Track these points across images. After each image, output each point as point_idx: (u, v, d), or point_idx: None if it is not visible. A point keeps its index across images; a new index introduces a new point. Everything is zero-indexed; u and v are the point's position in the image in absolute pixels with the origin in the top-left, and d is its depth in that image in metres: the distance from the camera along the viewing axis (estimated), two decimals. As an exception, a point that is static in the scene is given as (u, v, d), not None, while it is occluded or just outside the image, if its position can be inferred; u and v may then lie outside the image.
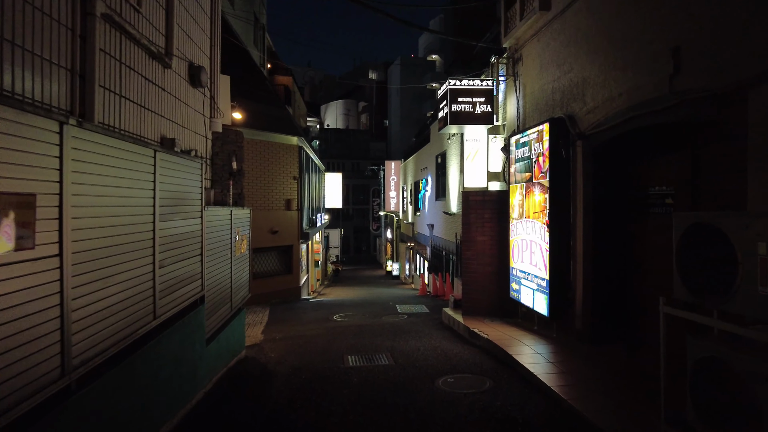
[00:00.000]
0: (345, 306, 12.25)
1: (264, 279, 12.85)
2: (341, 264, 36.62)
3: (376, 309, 11.40)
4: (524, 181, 6.95)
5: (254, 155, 12.56)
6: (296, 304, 12.89)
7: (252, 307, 12.12)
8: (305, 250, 15.39)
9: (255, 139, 12.57)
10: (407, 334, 7.73)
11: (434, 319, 9.27)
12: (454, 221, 14.12)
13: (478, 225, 7.96)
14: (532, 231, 6.67)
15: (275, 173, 13.10)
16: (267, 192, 12.87)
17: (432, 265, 17.82)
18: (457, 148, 14.11)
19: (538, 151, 6.50)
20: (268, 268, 13.10)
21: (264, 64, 23.16)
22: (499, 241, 7.83)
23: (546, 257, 6.22)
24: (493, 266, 7.87)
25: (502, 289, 7.75)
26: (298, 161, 13.76)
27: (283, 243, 13.28)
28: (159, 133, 4.55)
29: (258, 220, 12.49)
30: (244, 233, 6.30)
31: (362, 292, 18.42)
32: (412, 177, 25.03)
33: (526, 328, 6.98)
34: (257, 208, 12.64)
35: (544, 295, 6.31)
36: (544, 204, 6.31)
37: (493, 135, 9.99)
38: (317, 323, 9.61)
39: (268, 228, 12.86)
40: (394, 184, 30.84)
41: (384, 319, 9.68)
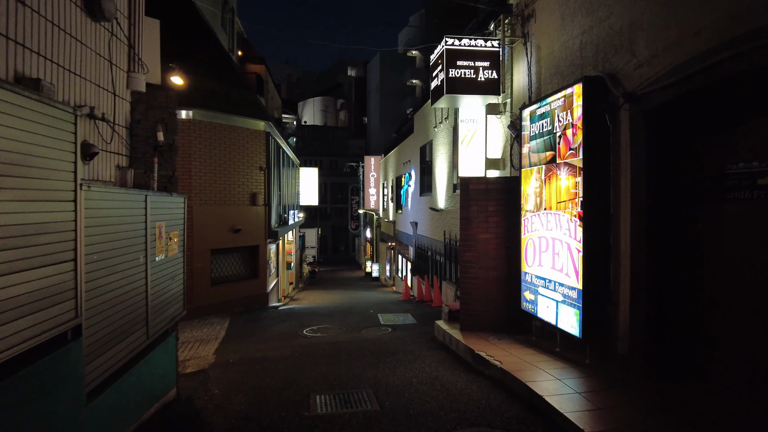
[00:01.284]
0: (319, 315, 10.62)
1: (224, 285, 11.11)
2: (318, 265, 34.87)
3: (355, 319, 9.80)
4: (544, 163, 5.46)
5: (213, 141, 10.81)
6: (263, 313, 11.19)
7: (208, 318, 10.38)
8: (274, 251, 13.69)
9: (214, 122, 10.82)
10: (394, 356, 6.16)
11: (424, 333, 7.72)
12: (442, 218, 12.62)
13: (481, 220, 6.45)
14: (556, 226, 5.17)
15: (238, 162, 11.37)
16: (228, 184, 11.13)
17: (416, 267, 16.30)
18: (445, 137, 12.62)
19: (565, 122, 5.01)
20: (229, 272, 11.37)
21: (233, 49, 21.34)
22: (507, 239, 6.33)
23: (578, 259, 4.73)
24: (499, 270, 6.37)
25: (511, 299, 6.26)
26: (266, 149, 12.06)
27: (247, 243, 11.56)
28: (12, 67, 2.87)
29: (217, 216, 10.75)
30: (175, 229, 4.62)
31: (339, 297, 16.78)
32: (393, 172, 23.51)
33: (545, 349, 5.50)
34: (216, 203, 10.90)
35: (573, 309, 4.82)
36: (574, 190, 4.82)
37: (493, 115, 8.51)
38: (283, 340, 7.96)
39: (228, 226, 11.12)
40: (374, 181, 29.28)
41: (364, 334, 8.09)
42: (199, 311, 10.44)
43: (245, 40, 26.45)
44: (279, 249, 14.87)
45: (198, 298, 10.44)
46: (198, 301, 10.44)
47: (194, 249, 10.36)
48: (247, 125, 11.63)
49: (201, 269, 10.51)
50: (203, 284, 10.57)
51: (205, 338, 8.57)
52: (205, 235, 10.58)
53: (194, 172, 10.40)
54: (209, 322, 9.99)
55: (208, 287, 10.70)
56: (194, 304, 10.36)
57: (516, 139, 6.67)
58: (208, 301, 10.65)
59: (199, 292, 10.46)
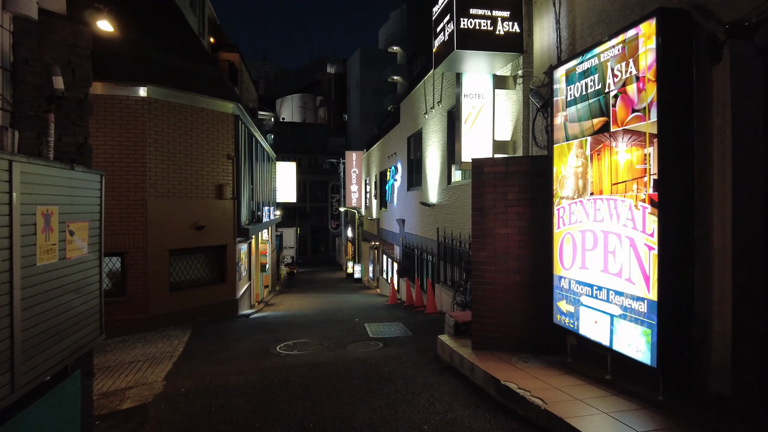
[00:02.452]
0: (296, 326, 9.18)
1: (186, 291, 9.58)
2: (297, 266, 33.31)
3: (338, 330, 8.40)
4: (590, 134, 4.17)
5: (172, 124, 9.27)
6: (231, 323, 9.69)
7: (166, 330, 8.84)
8: (246, 251, 12.17)
9: (174, 102, 9.28)
10: (391, 385, 4.80)
11: (424, 350, 6.38)
12: (435, 214, 11.32)
13: (499, 211, 5.14)
14: (611, 215, 3.89)
15: (202, 149, 9.85)
16: (190, 174, 9.60)
17: (403, 268, 14.98)
18: (438, 123, 11.31)
19: (623, 76, 3.74)
20: (192, 276, 9.83)
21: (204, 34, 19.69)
22: (533, 234, 5.04)
23: (648, 260, 3.46)
24: (522, 274, 5.07)
25: (538, 310, 4.97)
26: (234, 135, 10.56)
27: (212, 242, 10.04)
28: None
29: (176, 211, 9.22)
30: (82, 219, 3.16)
31: (320, 302, 15.33)
32: (376, 167, 22.16)
33: (590, 376, 4.22)
34: (175, 195, 9.35)
35: (640, 327, 3.54)
36: (642, 165, 3.54)
37: (502, 89, 7.24)
38: (251, 360, 6.52)
39: (190, 222, 9.59)
40: (356, 177, 27.87)
41: (350, 351, 6.70)
42: (156, 322, 8.90)
43: (218, 27, 24.74)
44: (251, 249, 13.35)
45: (154, 306, 8.90)
46: (154, 310, 8.89)
47: (149, 249, 8.81)
48: (213, 107, 10.11)
49: (157, 273, 8.96)
50: (160, 290, 9.02)
51: (158, 356, 7.07)
52: (162, 233, 9.04)
53: (149, 158, 8.84)
54: (166, 335, 8.46)
55: (167, 294, 9.15)
56: (149, 313, 8.82)
57: (542, 109, 5.39)
58: (167, 309, 9.11)
59: (155, 299, 8.91)
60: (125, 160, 8.67)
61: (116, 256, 8.69)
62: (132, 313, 8.69)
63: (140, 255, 8.75)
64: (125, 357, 7.17)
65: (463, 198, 9.39)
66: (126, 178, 8.66)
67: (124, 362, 6.88)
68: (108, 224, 8.78)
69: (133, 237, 8.69)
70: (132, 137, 8.72)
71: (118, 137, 8.64)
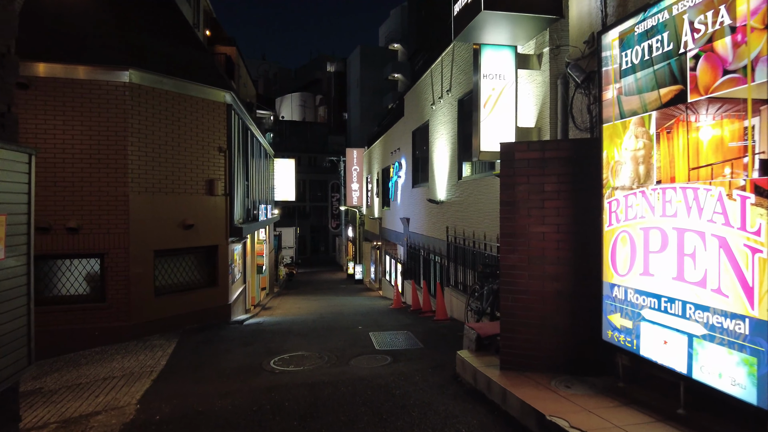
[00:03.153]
0: (294, 334, 8.35)
1: (173, 295, 8.75)
2: (296, 267, 32.54)
3: (340, 340, 7.57)
4: (655, 107, 3.35)
5: (158, 112, 8.44)
6: (222, 330, 8.86)
7: (150, 338, 8.03)
8: (240, 252, 11.34)
9: (159, 88, 8.45)
10: (405, 414, 3.97)
11: (440, 366, 5.55)
12: (444, 212, 10.50)
13: (534, 205, 4.31)
14: (689, 209, 3.07)
15: (191, 141, 9.02)
16: (177, 167, 8.78)
17: (408, 270, 14.15)
18: (447, 114, 10.49)
19: (710, 29, 2.91)
20: (180, 279, 9.00)
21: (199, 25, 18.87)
22: (576, 233, 4.22)
23: (754, 266, 2.63)
24: (562, 281, 4.24)
25: (581, 324, 4.15)
26: (227, 126, 9.72)
27: (202, 242, 9.21)
28: None
29: (162, 208, 8.41)
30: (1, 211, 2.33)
31: (320, 305, 14.51)
32: (378, 164, 21.34)
33: (655, 408, 3.40)
34: (161, 191, 8.52)
35: (740, 354, 2.72)
36: (738, 143, 2.72)
37: (525, 69, 6.43)
38: (242, 377, 5.69)
39: (178, 220, 8.76)
40: (357, 175, 27.05)
41: (354, 367, 5.87)
42: (139, 330, 8.07)
43: (214, 20, 23.91)
44: (246, 250, 12.52)
45: (137, 312, 8.07)
46: (137, 317, 8.06)
47: (131, 250, 7.99)
48: (204, 95, 9.28)
49: (140, 276, 8.13)
50: (144, 295, 8.20)
51: (137, 371, 6.25)
52: (145, 232, 8.21)
53: (131, 150, 8.01)
54: (150, 345, 7.64)
55: (151, 299, 8.32)
56: (132, 320, 7.99)
57: (582, 85, 4.57)
58: (151, 316, 8.28)
59: (138, 305, 8.09)
60: (105, 152, 7.84)
61: (95, 258, 7.87)
62: (112, 320, 7.87)
63: (121, 256, 7.92)
64: (100, 372, 6.35)
65: (477, 194, 8.57)
66: (105, 172, 7.83)
67: (98, 378, 6.06)
68: (86, 222, 7.99)
69: (113, 236, 7.86)
70: (113, 126, 7.89)
71: (97, 126, 7.81)
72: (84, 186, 7.72)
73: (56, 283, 7.72)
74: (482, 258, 8.11)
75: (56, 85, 7.55)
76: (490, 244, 7.73)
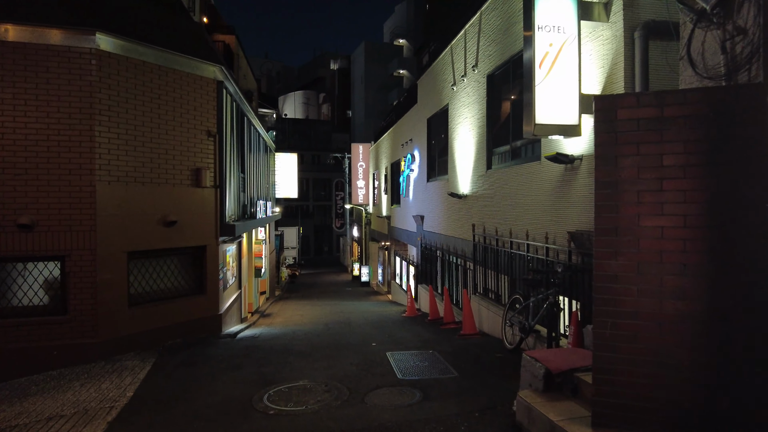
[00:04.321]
0: (294, 353, 6.95)
1: (151, 305, 7.37)
2: (299, 268, 31.21)
3: (351, 362, 6.17)
4: None
5: (134, 87, 7.08)
6: (209, 347, 7.47)
7: (121, 358, 6.67)
8: (234, 253, 9.95)
9: (135, 59, 7.09)
10: None
11: (489, 410, 4.14)
12: (469, 207, 9.09)
13: (647, 186, 2.91)
14: None
15: (174, 122, 7.64)
16: (157, 153, 7.40)
17: (423, 273, 12.75)
18: (472, 94, 9.07)
19: None
20: (160, 286, 7.62)
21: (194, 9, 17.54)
22: (713, 228, 2.80)
23: None
24: (692, 299, 2.83)
25: (724, 364, 2.74)
26: (217, 106, 8.34)
27: (187, 242, 7.83)
28: None
29: (138, 201, 7.06)
30: None
31: (325, 312, 13.13)
32: (387, 159, 19.95)
33: None
34: (137, 181, 7.15)
35: None
36: None
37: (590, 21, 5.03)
38: (223, 422, 4.29)
39: (157, 215, 7.38)
40: (363, 172, 25.68)
41: (373, 408, 4.46)
42: (109, 348, 6.71)
43: (212, 7, 22.54)
44: (242, 251, 11.13)
45: (106, 327, 6.70)
46: (105, 333, 6.69)
47: (99, 252, 6.61)
48: (189, 69, 7.90)
49: (111, 283, 6.76)
50: (114, 306, 6.82)
51: (92, 408, 4.87)
52: (117, 230, 6.84)
53: (99, 131, 6.64)
54: (119, 368, 6.26)
55: (124, 310, 6.95)
56: (100, 337, 6.63)
57: (712, 14, 3.14)
58: (124, 330, 6.91)
59: (107, 318, 6.72)
60: (66, 132, 6.47)
61: (53, 261, 6.50)
62: (76, 336, 6.50)
63: (87, 259, 6.55)
64: (48, 407, 4.98)
65: (514, 185, 7.17)
66: (67, 157, 6.46)
67: (42, 418, 4.69)
68: (42, 218, 6.40)
69: (76, 235, 6.49)
70: (76, 102, 6.51)
71: (57, 102, 6.43)
72: (40, 174, 6.34)
73: (5, 292, 6.35)
74: (522, 261, 6.70)
75: (3, 50, 6.19)
76: (535, 245, 6.32)
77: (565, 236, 5.69)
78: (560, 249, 5.69)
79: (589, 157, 5.27)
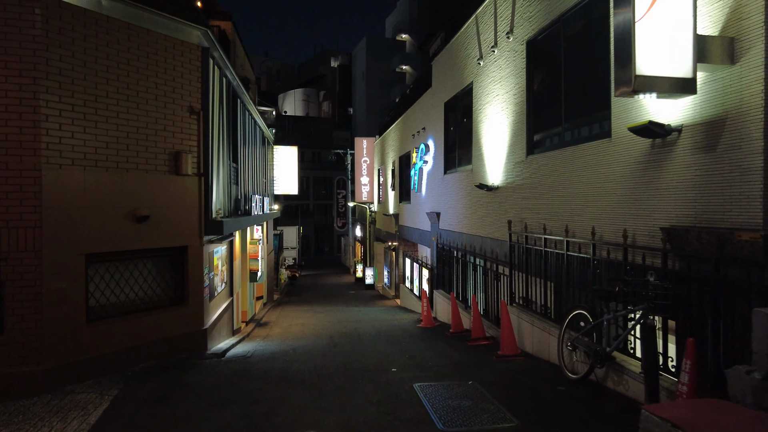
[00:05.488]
0: (294, 381, 5.52)
1: (118, 320, 5.94)
2: (299, 269, 29.78)
3: (370, 402, 4.73)
4: None
5: (95, 49, 5.66)
6: (189, 373, 6.04)
7: (74, 391, 5.23)
8: (224, 255, 8.51)
9: (95, 12, 5.66)
10: None
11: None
12: (502, 201, 7.68)
13: None
14: None
15: (146, 94, 6.22)
16: (125, 131, 5.98)
17: (440, 277, 11.34)
18: (505, 67, 7.61)
19: None
20: (130, 296, 6.18)
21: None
22: None
23: None
24: None
25: None
26: (202, 79, 6.91)
27: (164, 242, 6.40)
28: None
29: (101, 191, 5.61)
30: None
31: (328, 320, 11.71)
32: (394, 152, 18.53)
33: None
34: (98, 165, 5.72)
35: None
36: None
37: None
38: None
39: (125, 209, 5.95)
40: (367, 168, 24.27)
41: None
42: (59, 376, 5.28)
43: (205, -11, 21.02)
44: (234, 252, 9.69)
45: (55, 349, 5.27)
46: (55, 357, 5.26)
47: (45, 254, 5.19)
48: (167, 30, 6.47)
49: (63, 293, 5.34)
50: (68, 322, 5.40)
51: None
52: (72, 227, 5.42)
53: (46, 101, 5.21)
54: (67, 404, 4.83)
55: (81, 327, 5.52)
56: (45, 363, 5.21)
57: None
58: (81, 353, 5.49)
59: (57, 338, 5.29)
60: (1, 102, 5.04)
61: (-14, 266, 5.07)
62: (14, 363, 5.07)
63: (30, 264, 5.12)
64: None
65: (566, 171, 5.76)
66: (2, 132, 5.04)
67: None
68: None
69: (14, 233, 5.07)
70: (15, 64, 5.08)
71: (-10, 62, 5.01)
72: (-34, 154, 4.92)
73: None
74: (583, 266, 5.28)
75: None
76: (607, 246, 4.90)
77: (650, 234, 4.28)
78: (647, 250, 4.27)
79: (695, 128, 3.85)
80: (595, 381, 4.75)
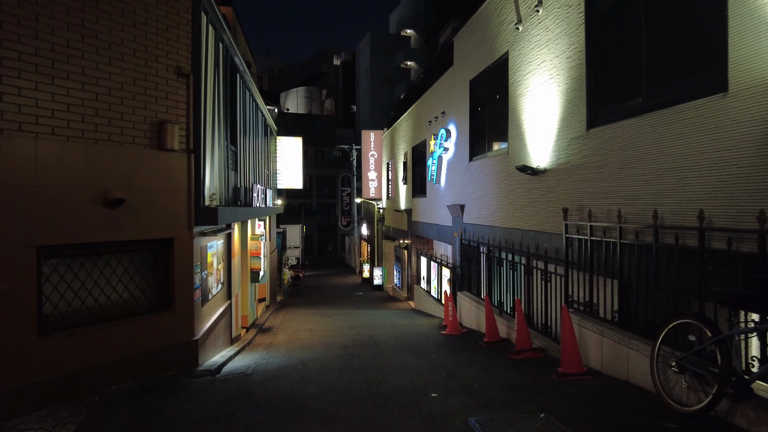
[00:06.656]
0: (307, 412, 4.28)
1: (82, 330, 4.71)
2: (303, 269, 28.59)
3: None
4: None
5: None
6: (174, 399, 4.80)
7: (19, 424, 3.97)
8: (220, 251, 7.27)
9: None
10: None
11: None
12: (550, 186, 6.43)
13: None
14: None
15: (122, 48, 5.00)
16: (92, 93, 4.75)
17: (466, 277, 10.09)
18: (553, 29, 6.29)
19: None
20: (99, 300, 4.95)
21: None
22: None
23: None
24: None
25: None
26: (192, 35, 5.69)
27: (143, 232, 5.17)
28: None
29: (62, 166, 4.34)
30: None
31: (339, 325, 10.47)
32: (406, 143, 17.29)
33: None
34: (57, 135, 4.48)
35: None
36: None
37: None
38: None
39: (93, 191, 4.72)
40: (375, 162, 23.03)
41: None
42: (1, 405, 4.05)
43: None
44: (233, 248, 8.44)
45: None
46: None
47: (-16, 246, 3.95)
48: (147, -27, 5.24)
49: (3, 298, 4.11)
50: (13, 335, 4.17)
51: None
52: (19, 212, 4.19)
53: None
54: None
55: (31, 340, 4.29)
56: (-13, 386, 3.95)
57: None
58: (31, 375, 4.26)
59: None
60: None
61: None
62: (-59, 388, 3.84)
63: (-38, 258, 3.89)
64: None
65: (650, 143, 4.51)
66: (-77, 84, 3.81)
67: None
68: None
69: (-59, 218, 3.84)
70: (-56, -5, 3.86)
71: None
72: None
73: None
74: (685, 262, 4.03)
75: None
76: (726, 234, 3.64)
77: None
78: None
79: None
80: (720, 416, 3.50)
